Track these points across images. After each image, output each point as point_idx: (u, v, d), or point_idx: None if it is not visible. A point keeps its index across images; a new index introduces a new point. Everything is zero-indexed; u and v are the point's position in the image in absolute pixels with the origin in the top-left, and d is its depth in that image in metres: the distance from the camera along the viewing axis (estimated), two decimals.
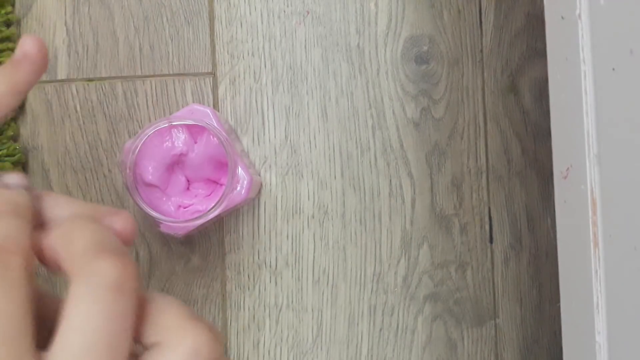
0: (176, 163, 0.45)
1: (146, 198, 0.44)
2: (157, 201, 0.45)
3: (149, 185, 0.44)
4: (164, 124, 0.43)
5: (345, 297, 0.50)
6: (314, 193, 0.50)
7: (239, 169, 0.44)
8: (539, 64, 0.51)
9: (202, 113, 0.44)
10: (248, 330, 0.50)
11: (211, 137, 0.44)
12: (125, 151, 0.43)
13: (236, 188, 0.44)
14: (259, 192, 0.50)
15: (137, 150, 0.43)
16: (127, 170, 0.43)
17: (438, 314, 0.50)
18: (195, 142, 0.45)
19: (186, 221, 0.43)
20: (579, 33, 0.34)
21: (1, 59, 0.47)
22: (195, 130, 0.45)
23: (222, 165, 0.45)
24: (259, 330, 0.50)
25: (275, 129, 0.50)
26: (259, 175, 0.50)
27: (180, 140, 0.44)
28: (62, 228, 0.23)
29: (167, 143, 0.44)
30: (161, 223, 0.44)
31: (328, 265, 0.50)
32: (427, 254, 0.50)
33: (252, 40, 0.50)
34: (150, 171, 0.44)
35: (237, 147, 0.46)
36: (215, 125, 0.44)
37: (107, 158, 0.49)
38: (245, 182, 0.44)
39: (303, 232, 0.50)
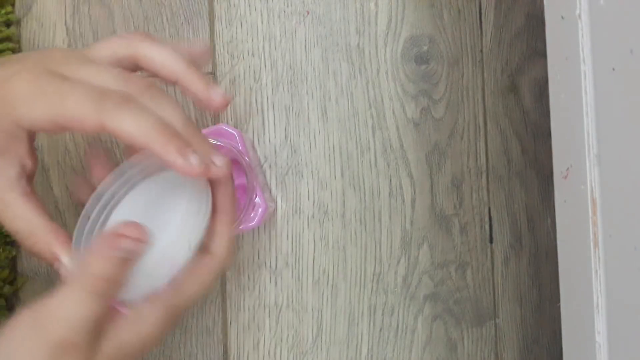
0: None
1: None
2: None
3: None
4: None
5: (345, 297, 0.50)
6: (314, 193, 0.50)
7: (257, 197, 0.44)
8: (539, 64, 0.51)
9: (230, 135, 0.44)
10: (248, 330, 0.49)
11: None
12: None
13: (250, 214, 0.44)
14: (271, 216, 0.50)
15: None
16: None
17: (438, 314, 0.50)
18: None
19: None
20: (579, 33, 0.34)
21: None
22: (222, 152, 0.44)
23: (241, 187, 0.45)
24: (259, 330, 0.50)
25: (275, 129, 0.50)
26: (274, 202, 0.49)
27: None
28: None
29: None
30: None
31: (328, 265, 0.50)
32: (427, 254, 0.50)
33: (252, 40, 0.50)
34: None
35: (259, 175, 0.46)
36: (240, 149, 0.44)
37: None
38: (260, 211, 0.44)
39: (303, 232, 0.50)
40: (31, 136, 0.31)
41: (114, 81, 0.30)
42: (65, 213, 0.49)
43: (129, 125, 0.28)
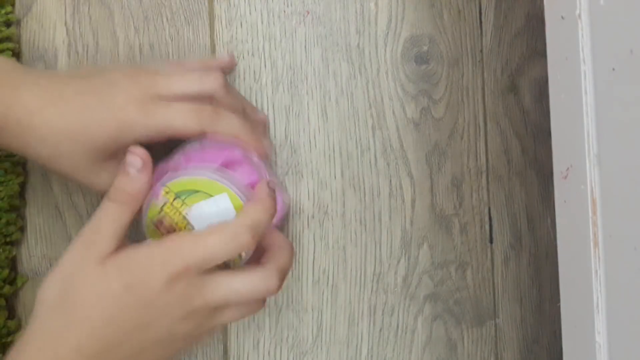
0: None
1: None
2: None
3: None
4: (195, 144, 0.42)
5: (345, 297, 0.50)
6: (314, 193, 0.50)
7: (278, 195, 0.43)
8: (539, 64, 0.51)
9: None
10: (248, 330, 0.50)
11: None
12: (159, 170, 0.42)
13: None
14: (288, 213, 0.49)
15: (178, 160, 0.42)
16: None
17: (438, 314, 0.50)
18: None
19: None
20: (579, 33, 0.34)
21: None
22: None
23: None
24: (259, 330, 0.50)
25: (275, 129, 0.50)
26: (289, 199, 0.49)
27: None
28: None
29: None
30: None
31: (328, 265, 0.50)
32: (427, 254, 0.50)
33: (252, 40, 0.50)
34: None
35: (273, 175, 0.45)
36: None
37: None
38: (279, 209, 0.43)
39: (303, 232, 0.50)
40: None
41: (199, 84, 0.41)
42: (65, 213, 0.49)
43: (222, 129, 0.41)
